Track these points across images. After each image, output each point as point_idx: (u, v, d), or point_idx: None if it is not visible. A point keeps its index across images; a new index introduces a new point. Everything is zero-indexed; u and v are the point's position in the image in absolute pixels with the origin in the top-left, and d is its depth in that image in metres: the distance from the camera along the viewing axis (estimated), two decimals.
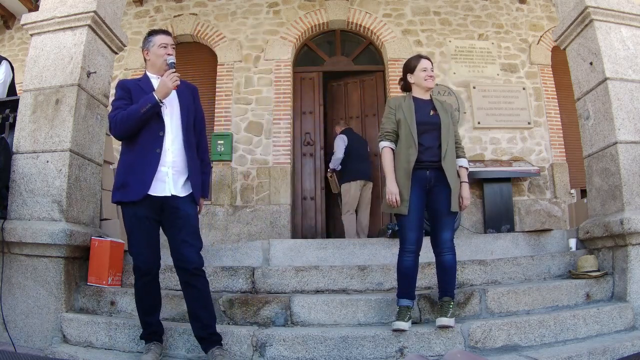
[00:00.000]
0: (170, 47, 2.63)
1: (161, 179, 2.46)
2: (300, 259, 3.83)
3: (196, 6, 6.77)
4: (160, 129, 2.50)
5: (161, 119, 2.51)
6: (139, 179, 2.42)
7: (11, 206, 3.04)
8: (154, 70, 2.65)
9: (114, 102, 2.53)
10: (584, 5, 3.33)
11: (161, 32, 2.66)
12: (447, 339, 2.56)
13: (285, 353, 2.54)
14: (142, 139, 2.47)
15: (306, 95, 6.68)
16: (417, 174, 2.72)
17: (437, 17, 6.66)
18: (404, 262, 2.70)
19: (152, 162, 2.45)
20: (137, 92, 2.53)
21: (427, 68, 2.88)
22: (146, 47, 2.64)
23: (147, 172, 2.43)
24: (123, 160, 2.53)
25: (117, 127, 2.46)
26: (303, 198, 6.42)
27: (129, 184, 2.44)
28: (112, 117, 2.48)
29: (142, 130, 2.47)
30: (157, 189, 2.45)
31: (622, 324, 2.83)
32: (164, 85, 2.45)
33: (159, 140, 2.49)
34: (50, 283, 2.92)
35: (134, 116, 2.42)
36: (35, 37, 3.35)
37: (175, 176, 2.50)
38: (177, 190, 2.49)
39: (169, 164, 2.49)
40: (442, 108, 2.87)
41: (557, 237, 3.96)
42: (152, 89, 2.53)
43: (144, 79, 2.64)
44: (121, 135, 2.49)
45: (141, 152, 2.46)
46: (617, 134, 3.16)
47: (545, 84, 6.45)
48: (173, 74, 2.47)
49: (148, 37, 2.66)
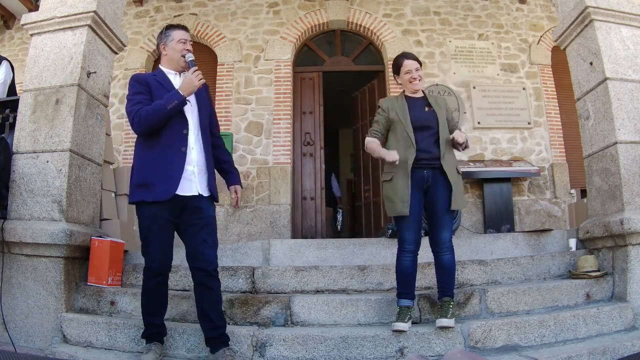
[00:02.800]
0: (188, 43, 2.59)
1: (187, 178, 2.42)
2: (300, 259, 3.83)
3: (196, 6, 6.77)
4: (184, 127, 2.46)
5: (184, 116, 2.47)
6: (166, 178, 2.36)
7: (11, 206, 3.04)
8: (170, 66, 2.60)
9: (133, 96, 2.44)
10: (584, 5, 3.33)
11: (180, 27, 2.61)
12: (447, 339, 2.56)
13: (285, 353, 2.54)
14: (165, 137, 2.41)
15: (306, 95, 6.68)
16: (415, 173, 2.72)
17: (437, 17, 6.65)
18: (403, 263, 2.70)
19: (179, 161, 2.40)
20: (156, 88, 2.47)
21: (411, 69, 2.83)
22: (163, 41, 2.59)
23: (174, 172, 2.38)
24: (142, 158, 2.45)
25: (141, 123, 2.37)
26: (303, 198, 6.42)
27: (153, 183, 2.36)
28: (135, 111, 2.38)
29: (164, 128, 2.41)
30: (184, 188, 2.41)
31: (622, 324, 2.83)
32: (190, 82, 2.41)
33: (183, 138, 2.44)
34: (50, 283, 2.92)
35: (160, 112, 2.35)
36: (35, 37, 3.35)
37: (199, 175, 2.48)
38: (202, 189, 2.47)
39: (194, 162, 2.46)
40: (436, 103, 2.86)
41: (557, 237, 3.96)
42: (170, 85, 2.49)
43: (160, 75, 2.57)
44: (144, 131, 2.41)
45: (165, 151, 2.40)
46: (617, 134, 3.16)
47: (545, 84, 6.44)
48: (197, 71, 2.43)
49: (166, 32, 2.60)
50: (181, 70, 2.60)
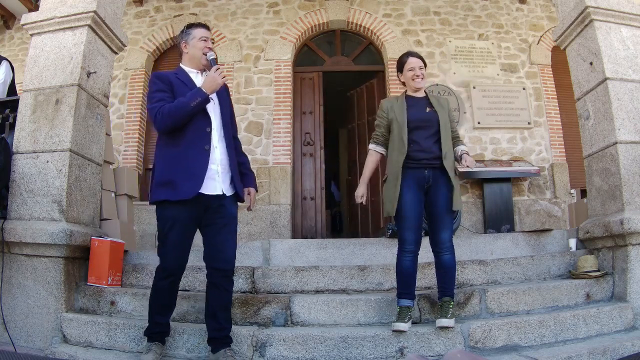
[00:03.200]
0: (210, 41, 2.57)
1: (211, 177, 2.40)
2: (300, 259, 3.83)
3: (196, 6, 6.77)
4: (208, 125, 2.44)
5: (207, 115, 2.45)
6: (189, 177, 2.33)
7: (11, 206, 3.04)
8: (192, 64, 2.58)
9: (155, 94, 2.42)
10: (584, 5, 3.33)
11: (201, 26, 2.60)
12: (447, 339, 2.56)
13: (285, 353, 2.53)
14: (188, 135, 2.38)
15: (306, 96, 6.68)
16: (415, 173, 2.72)
17: (437, 17, 6.65)
18: (403, 263, 2.70)
19: (202, 160, 2.37)
20: (179, 86, 2.45)
21: (415, 67, 2.84)
22: (184, 39, 2.57)
23: (198, 170, 2.35)
24: (165, 156, 2.41)
25: (164, 120, 2.33)
26: (303, 198, 6.42)
27: (176, 182, 2.32)
28: (157, 109, 2.35)
29: (187, 126, 2.38)
30: (208, 187, 2.38)
31: (622, 324, 2.83)
32: (213, 80, 2.39)
33: (207, 136, 2.42)
34: (50, 283, 2.92)
35: (184, 109, 2.32)
36: (35, 37, 3.35)
37: (223, 174, 2.46)
38: (225, 188, 2.45)
39: (218, 161, 2.44)
40: (438, 104, 2.86)
41: (557, 237, 3.96)
42: (193, 84, 2.48)
43: (181, 73, 2.55)
44: (166, 128, 2.37)
45: (188, 149, 2.37)
46: (617, 134, 3.16)
47: (545, 84, 6.45)
48: (220, 69, 2.42)
49: (187, 30, 2.58)
50: (202, 69, 2.59)
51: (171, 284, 2.44)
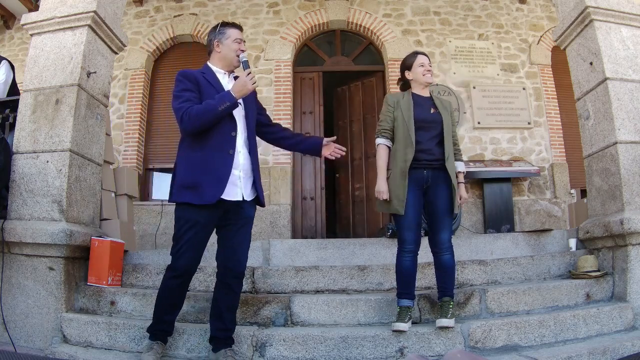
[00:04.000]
0: (243, 44, 2.53)
1: (233, 183, 2.38)
2: (300, 259, 3.83)
3: (196, 6, 6.77)
4: (233, 129, 2.42)
5: (233, 119, 2.42)
6: (213, 182, 2.31)
7: (11, 206, 3.04)
8: (221, 65, 2.54)
9: (181, 93, 2.37)
10: (584, 5, 3.33)
11: (235, 26, 2.55)
12: (447, 339, 2.56)
13: (285, 353, 2.54)
14: (213, 139, 2.36)
15: (306, 96, 6.68)
16: (414, 173, 2.71)
17: (437, 17, 6.65)
18: (402, 263, 2.70)
19: (226, 165, 2.35)
20: (205, 86, 2.41)
21: (425, 63, 2.86)
22: (218, 38, 2.51)
23: (221, 175, 2.33)
24: (189, 158, 2.38)
25: (191, 122, 2.29)
26: (303, 198, 6.42)
27: (201, 185, 2.31)
28: (184, 109, 2.30)
29: (212, 129, 2.35)
30: (230, 193, 2.36)
31: (622, 324, 2.83)
32: (244, 85, 2.34)
33: (232, 141, 2.39)
34: (50, 283, 2.92)
35: (212, 113, 2.28)
36: (35, 37, 3.35)
37: (245, 179, 2.44)
38: (246, 194, 2.44)
39: (240, 166, 2.42)
40: (442, 106, 2.86)
41: (557, 237, 3.96)
42: (220, 85, 2.45)
43: (208, 73, 2.50)
44: (193, 130, 2.32)
45: (213, 152, 2.35)
46: (617, 134, 3.16)
47: (545, 84, 6.45)
48: (251, 74, 2.37)
49: (221, 29, 2.52)
50: (231, 70, 2.56)
51: (181, 284, 2.43)
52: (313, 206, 6.42)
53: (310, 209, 6.41)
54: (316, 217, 6.38)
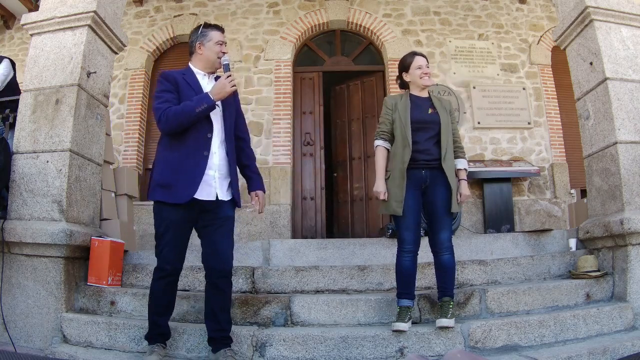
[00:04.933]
0: (224, 46, 2.56)
1: (208, 183, 2.41)
2: (300, 259, 3.83)
3: (196, 6, 6.77)
4: (209, 130, 2.45)
5: (210, 120, 2.45)
6: (187, 182, 2.36)
7: (11, 206, 3.04)
8: (202, 66, 2.56)
9: (161, 94, 2.43)
10: (584, 5, 3.33)
11: (217, 28, 2.58)
12: (447, 339, 2.56)
13: (285, 353, 2.54)
14: (189, 139, 2.40)
15: (306, 95, 6.68)
16: (412, 173, 2.72)
17: (437, 17, 6.65)
18: (402, 263, 2.70)
19: (200, 165, 2.39)
20: (184, 87, 2.45)
21: (422, 65, 2.85)
22: (200, 40, 2.54)
23: (195, 175, 2.37)
24: (165, 158, 2.43)
25: (169, 122, 2.35)
26: (303, 198, 6.42)
27: (174, 185, 2.36)
28: (162, 110, 2.36)
29: (189, 130, 2.39)
30: (204, 192, 2.40)
31: (622, 324, 2.83)
32: (223, 88, 2.38)
33: (207, 142, 2.43)
34: (50, 283, 2.92)
35: (189, 114, 2.33)
36: (35, 37, 3.35)
37: (220, 180, 2.46)
38: (222, 194, 2.46)
39: (215, 167, 2.45)
40: (441, 106, 2.85)
41: (557, 237, 3.96)
42: (199, 87, 2.47)
43: (189, 74, 2.53)
44: (170, 130, 2.39)
45: (188, 153, 2.39)
46: (617, 134, 3.16)
47: (545, 84, 6.44)
48: (231, 76, 2.40)
49: (203, 30, 2.55)
50: (211, 72, 2.58)
51: (168, 285, 2.45)
52: (313, 206, 6.41)
53: (310, 209, 6.41)
54: (316, 217, 6.38)
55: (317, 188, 6.45)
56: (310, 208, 6.41)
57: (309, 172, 6.49)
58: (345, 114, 6.87)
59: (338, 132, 6.92)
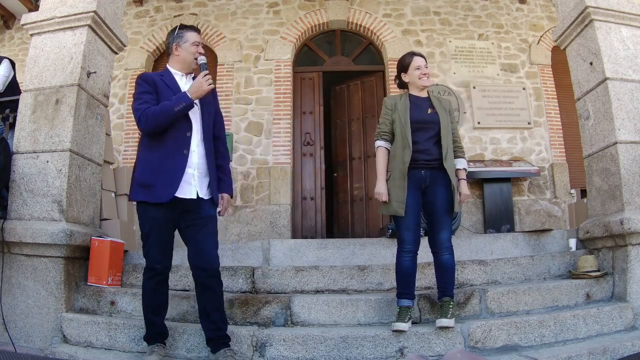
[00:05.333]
0: (201, 46, 2.59)
1: (187, 181, 2.43)
2: (300, 259, 3.83)
3: (196, 6, 6.77)
4: (188, 129, 2.47)
5: (189, 119, 2.48)
6: (166, 181, 2.38)
7: (11, 206, 3.04)
8: (179, 67, 2.59)
9: (140, 95, 2.46)
10: (584, 5, 3.33)
11: (193, 29, 2.61)
12: (447, 339, 2.56)
13: (285, 353, 2.54)
14: (169, 139, 2.43)
15: (306, 95, 6.68)
16: (412, 173, 2.72)
17: (437, 17, 6.66)
18: (402, 263, 2.70)
19: (180, 164, 2.41)
20: (163, 88, 2.48)
21: (421, 66, 2.84)
22: (176, 41, 2.57)
23: (175, 174, 2.39)
24: (146, 158, 2.46)
25: (148, 122, 2.38)
26: (303, 198, 6.42)
27: (154, 184, 2.38)
28: (141, 111, 2.39)
29: (168, 129, 2.42)
30: (184, 191, 2.42)
31: (622, 324, 2.83)
32: (200, 86, 2.41)
33: (186, 141, 2.45)
34: (50, 283, 2.92)
35: (167, 114, 2.37)
36: (35, 37, 3.35)
37: (199, 178, 2.48)
38: (202, 192, 2.48)
39: (195, 165, 2.47)
40: (440, 106, 2.85)
41: (557, 237, 3.96)
42: (177, 87, 2.50)
43: (167, 75, 2.57)
44: (149, 130, 2.42)
45: (167, 152, 2.42)
46: (617, 134, 3.16)
47: (545, 84, 6.45)
48: (207, 75, 2.43)
49: (179, 32, 2.58)
50: (189, 72, 2.60)
51: (159, 284, 2.47)
52: (313, 206, 6.42)
53: (310, 209, 6.41)
54: (316, 217, 6.38)
55: (317, 188, 6.45)
56: (310, 208, 6.41)
57: (309, 172, 6.49)
58: (345, 114, 6.87)
59: (338, 132, 6.92)
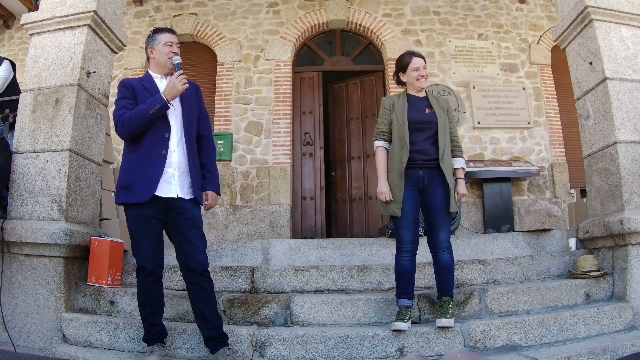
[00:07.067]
0: (176, 46, 2.60)
1: (167, 181, 2.45)
2: (300, 259, 3.83)
3: (196, 6, 6.77)
4: (166, 130, 2.49)
5: (167, 120, 2.50)
6: (145, 181, 2.41)
7: (11, 206, 3.04)
8: (158, 70, 2.63)
9: (119, 102, 2.51)
10: (584, 5, 3.33)
11: (166, 31, 2.64)
12: (447, 339, 2.56)
13: (285, 353, 2.53)
14: (147, 141, 2.46)
15: (306, 95, 6.68)
16: (410, 173, 2.72)
17: (437, 17, 6.66)
18: (401, 263, 2.70)
19: (159, 164, 2.43)
20: (141, 92, 2.51)
21: (420, 67, 2.83)
22: (151, 45, 2.61)
23: (153, 174, 2.42)
24: (127, 161, 2.51)
25: (125, 128, 2.43)
26: (303, 198, 6.42)
27: (134, 185, 2.42)
28: (119, 117, 2.45)
29: (147, 131, 2.45)
30: (164, 190, 2.44)
31: (622, 324, 2.83)
32: (174, 87, 2.44)
33: (165, 142, 2.47)
34: (50, 283, 2.92)
35: (142, 117, 2.40)
36: (35, 37, 3.35)
37: (181, 178, 2.50)
38: (183, 192, 2.49)
39: (175, 165, 2.49)
40: (438, 106, 2.85)
41: (557, 237, 3.96)
42: (156, 90, 2.52)
43: (147, 79, 2.61)
44: (128, 135, 2.47)
45: (147, 154, 2.45)
46: (617, 134, 3.16)
47: (545, 84, 6.45)
48: (182, 75, 2.46)
49: (153, 36, 2.63)
50: (168, 74, 2.62)
51: (153, 284, 2.48)
52: (313, 206, 6.42)
53: (310, 209, 6.41)
54: (316, 217, 6.38)
55: (317, 188, 6.45)
56: (310, 208, 6.41)
57: (309, 172, 6.50)
58: (344, 114, 6.87)
59: (337, 131, 6.91)
